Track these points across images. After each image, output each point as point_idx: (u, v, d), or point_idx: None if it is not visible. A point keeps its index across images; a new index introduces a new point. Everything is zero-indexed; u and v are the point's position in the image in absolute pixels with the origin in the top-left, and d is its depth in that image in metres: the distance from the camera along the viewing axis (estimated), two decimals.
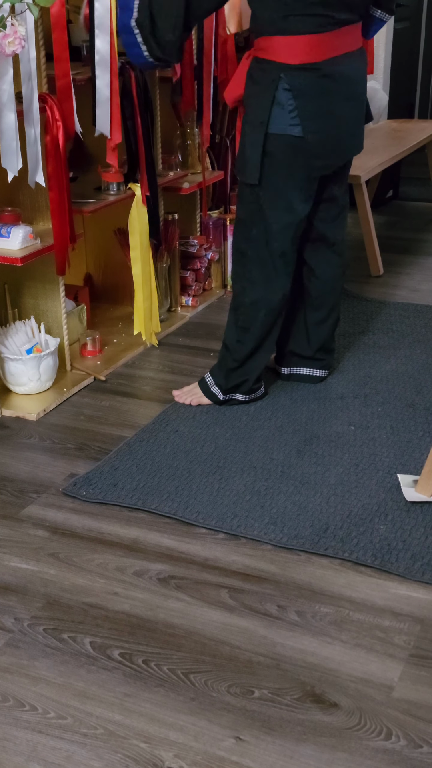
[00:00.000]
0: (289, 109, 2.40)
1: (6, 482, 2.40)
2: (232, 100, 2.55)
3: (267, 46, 2.41)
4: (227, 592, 1.97)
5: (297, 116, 2.40)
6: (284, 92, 2.39)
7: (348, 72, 2.47)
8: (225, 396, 2.77)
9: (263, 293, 2.64)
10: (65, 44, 2.56)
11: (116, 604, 1.93)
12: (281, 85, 2.39)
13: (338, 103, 2.47)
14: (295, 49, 2.37)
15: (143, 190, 3.02)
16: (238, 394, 2.77)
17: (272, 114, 2.41)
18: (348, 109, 2.52)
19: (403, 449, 2.52)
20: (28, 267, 2.79)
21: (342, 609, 1.91)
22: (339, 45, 2.42)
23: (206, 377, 2.81)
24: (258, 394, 2.81)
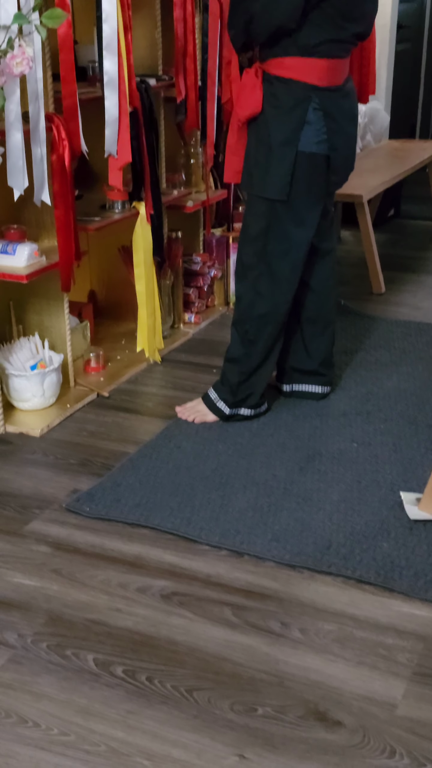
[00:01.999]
0: (318, 127, 2.49)
1: (9, 498, 2.40)
2: (247, 116, 2.58)
3: (293, 66, 2.47)
4: (230, 609, 1.97)
5: (325, 135, 2.50)
6: (314, 112, 2.48)
7: (351, 93, 2.60)
8: (231, 410, 2.78)
9: (272, 306, 2.68)
10: (72, 65, 2.59)
11: (119, 621, 1.94)
12: (312, 105, 2.47)
13: (348, 122, 2.59)
14: (325, 71, 2.47)
15: (147, 208, 3.05)
16: (243, 409, 2.78)
17: (303, 133, 2.49)
18: (352, 128, 2.63)
19: (406, 466, 2.53)
20: (33, 284, 2.81)
21: (345, 627, 1.91)
22: (347, 68, 2.57)
23: (210, 393, 2.82)
24: (262, 409, 2.82)
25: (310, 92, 2.47)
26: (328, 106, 2.49)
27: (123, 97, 2.75)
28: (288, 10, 2.38)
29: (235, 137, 2.67)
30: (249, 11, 2.43)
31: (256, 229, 2.63)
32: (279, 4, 2.38)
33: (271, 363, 2.79)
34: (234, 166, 2.70)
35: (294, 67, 2.47)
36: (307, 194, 2.57)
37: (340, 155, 2.57)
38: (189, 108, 3.26)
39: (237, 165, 2.69)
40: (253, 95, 2.53)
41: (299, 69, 2.47)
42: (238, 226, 3.89)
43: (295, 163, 2.51)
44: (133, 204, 3.06)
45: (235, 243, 3.79)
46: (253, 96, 2.53)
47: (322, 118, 2.49)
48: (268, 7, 2.39)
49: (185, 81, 3.20)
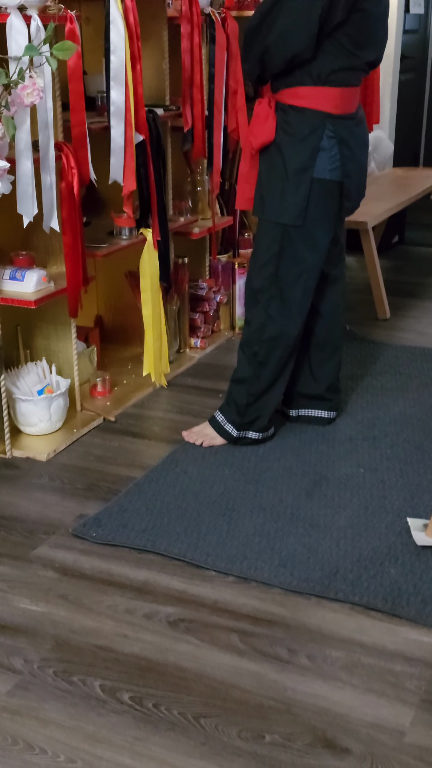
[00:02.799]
0: (331, 154, 2.53)
1: (16, 523, 2.41)
2: (260, 145, 2.61)
3: (307, 95, 2.51)
4: (237, 636, 1.96)
5: (338, 162, 2.55)
6: (328, 139, 2.52)
7: (363, 120, 2.65)
8: (239, 433, 2.79)
9: (283, 330, 2.70)
10: (81, 95, 2.63)
11: (126, 647, 1.93)
12: (326, 133, 2.52)
13: (360, 149, 2.63)
14: (338, 100, 2.52)
15: (155, 234, 3.08)
16: (251, 432, 2.79)
17: (317, 160, 2.53)
18: (364, 155, 2.67)
19: (413, 492, 2.53)
20: (41, 309, 2.83)
21: (353, 653, 1.91)
22: (358, 96, 2.61)
23: (217, 416, 2.83)
24: (269, 433, 2.83)
25: (324, 120, 2.51)
26: (342, 133, 2.53)
27: (129, 127, 2.79)
28: (302, 40, 2.42)
29: (247, 166, 2.70)
30: (264, 43, 2.47)
31: (269, 254, 2.66)
32: (293, 35, 2.42)
33: (280, 387, 2.80)
34: (246, 193, 2.74)
35: (308, 96, 2.51)
36: (321, 220, 2.61)
37: (353, 181, 2.61)
38: (196, 137, 3.30)
39: (249, 192, 2.72)
40: (266, 125, 2.57)
41: (313, 98, 2.51)
42: (244, 252, 3.93)
43: (310, 190, 2.55)
44: (141, 230, 3.09)
45: (241, 269, 3.82)
46: (266, 125, 2.57)
47: (336, 145, 2.53)
48: (283, 38, 2.43)
49: (192, 110, 3.24)
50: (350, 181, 2.60)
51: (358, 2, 2.41)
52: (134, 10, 2.74)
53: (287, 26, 2.42)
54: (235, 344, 3.74)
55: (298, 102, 2.53)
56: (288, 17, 2.42)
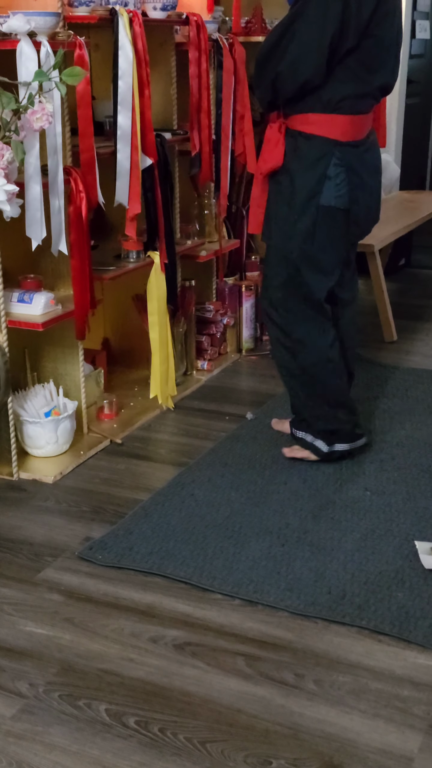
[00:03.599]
0: (338, 182, 2.54)
1: (22, 545, 2.40)
2: (268, 170, 2.64)
3: (316, 122, 2.53)
4: (243, 660, 1.95)
5: (345, 189, 2.55)
6: (335, 167, 2.53)
7: (375, 147, 2.66)
8: (329, 448, 2.79)
9: (318, 347, 2.70)
10: (90, 120, 2.66)
11: (132, 671, 1.92)
12: (333, 161, 2.53)
13: (370, 175, 2.64)
14: (347, 127, 2.53)
15: (162, 257, 3.09)
16: (338, 444, 2.79)
17: (324, 187, 2.54)
18: (375, 182, 2.68)
19: (420, 515, 2.52)
20: (48, 332, 2.85)
21: (360, 678, 1.89)
22: (370, 123, 2.63)
23: (305, 437, 2.83)
24: (359, 442, 2.82)
25: (332, 147, 2.52)
26: (350, 160, 2.54)
27: (135, 151, 2.81)
28: (313, 66, 2.44)
29: (259, 189, 2.72)
30: (275, 69, 2.49)
31: (278, 279, 2.68)
32: (304, 61, 2.44)
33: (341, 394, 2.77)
34: (258, 217, 2.76)
35: (317, 123, 2.53)
36: (328, 246, 2.62)
37: (361, 208, 2.62)
38: (203, 161, 3.33)
39: (261, 216, 2.74)
40: (276, 150, 2.59)
41: (322, 125, 2.52)
42: (251, 275, 3.94)
43: (316, 217, 2.56)
44: (148, 253, 3.11)
45: (248, 292, 3.83)
46: (275, 151, 2.59)
47: (344, 172, 2.53)
48: (294, 64, 2.45)
49: (200, 135, 3.27)
50: (358, 208, 2.61)
51: (369, 29, 2.43)
52: (143, 36, 2.78)
53: (298, 53, 2.44)
54: (242, 366, 3.76)
55: (308, 128, 2.54)
56: (299, 44, 2.44)
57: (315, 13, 2.41)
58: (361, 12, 2.40)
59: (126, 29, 2.71)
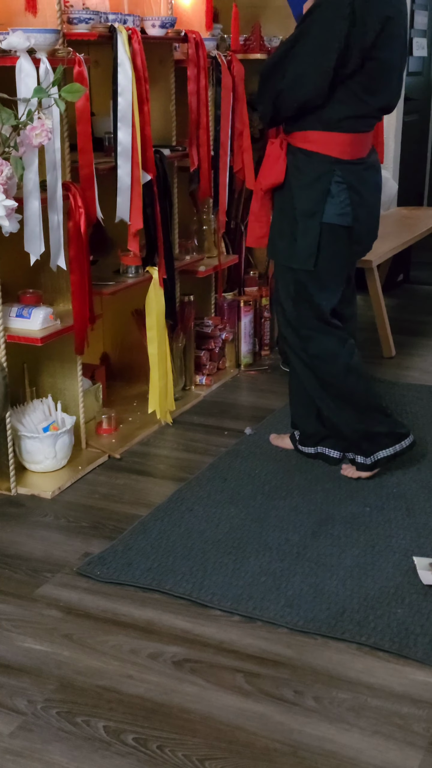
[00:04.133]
0: (340, 200, 2.56)
1: (20, 561, 2.39)
2: (269, 186, 2.65)
3: (317, 140, 2.54)
4: (243, 677, 1.94)
5: (348, 207, 2.56)
6: (337, 185, 2.55)
7: (376, 164, 2.68)
8: (371, 459, 2.77)
9: (336, 358, 2.70)
10: (89, 136, 2.67)
11: (130, 688, 1.91)
12: (334, 178, 2.54)
13: (370, 194, 2.65)
14: (348, 145, 2.55)
15: (161, 273, 3.10)
16: (381, 452, 2.77)
17: (327, 205, 2.55)
18: (375, 199, 2.70)
19: (420, 531, 2.51)
20: (47, 346, 2.85)
21: (360, 695, 1.88)
22: (370, 141, 2.64)
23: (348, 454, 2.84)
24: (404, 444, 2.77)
25: (332, 165, 2.54)
26: (351, 178, 2.55)
27: (135, 167, 2.82)
28: (315, 87, 2.45)
29: (258, 204, 2.74)
30: (277, 87, 2.50)
31: (286, 295, 2.70)
32: (306, 81, 2.45)
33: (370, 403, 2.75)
34: (256, 231, 2.77)
35: (318, 141, 2.54)
36: (331, 263, 2.63)
37: (363, 226, 2.63)
38: (202, 177, 3.34)
39: (259, 231, 2.76)
40: (276, 166, 2.60)
41: (322, 143, 2.53)
42: (250, 290, 3.95)
43: (320, 235, 2.57)
44: (147, 269, 3.11)
45: (247, 307, 3.84)
46: (276, 166, 2.60)
47: (345, 190, 2.55)
48: (296, 84, 2.46)
49: (198, 151, 3.28)
50: (360, 226, 2.62)
51: (373, 51, 2.44)
52: (142, 53, 2.80)
53: (301, 72, 2.45)
54: (241, 381, 3.76)
55: (308, 146, 2.55)
56: (302, 64, 2.45)
57: (319, 33, 2.42)
58: (366, 34, 2.41)
59: (125, 46, 2.72)
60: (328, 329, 2.70)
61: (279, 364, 3.91)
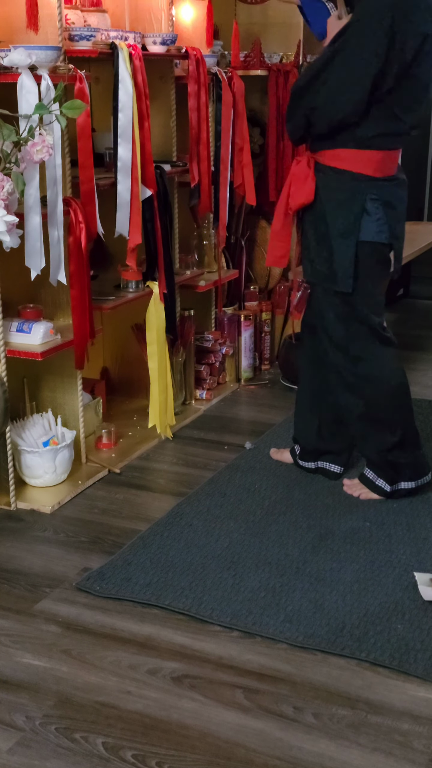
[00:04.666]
0: (376, 218, 2.53)
1: (19, 576, 2.39)
2: (299, 206, 2.61)
3: (348, 158, 2.51)
4: (242, 693, 1.93)
5: (384, 224, 2.54)
6: (372, 202, 2.52)
7: (405, 183, 2.65)
8: (392, 487, 2.76)
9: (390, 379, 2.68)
10: (90, 152, 2.69)
11: (129, 704, 1.90)
12: (369, 196, 2.51)
13: (403, 210, 2.64)
14: (379, 163, 2.52)
15: (161, 287, 3.11)
16: (403, 483, 2.76)
17: (362, 223, 2.52)
18: (404, 215, 2.68)
19: (420, 546, 2.50)
20: (47, 361, 2.85)
21: (359, 711, 1.87)
22: (398, 158, 2.63)
23: (367, 473, 2.80)
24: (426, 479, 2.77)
25: (366, 183, 2.51)
26: (386, 195, 2.53)
27: (135, 182, 2.84)
28: (351, 105, 2.42)
29: (280, 224, 2.71)
30: (311, 105, 2.47)
31: (333, 317, 2.65)
32: (343, 99, 2.43)
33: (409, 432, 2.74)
34: (277, 251, 2.74)
35: (349, 159, 2.51)
36: (373, 280, 2.60)
37: (399, 242, 2.62)
38: (202, 192, 3.36)
39: (280, 250, 2.72)
40: (306, 185, 2.56)
41: (354, 161, 2.50)
42: (250, 305, 3.96)
43: (357, 254, 2.54)
44: (147, 284, 3.12)
45: (247, 321, 3.84)
46: (305, 186, 2.56)
47: (381, 208, 2.52)
48: (332, 102, 2.44)
49: (199, 167, 3.30)
50: (397, 242, 2.61)
51: (410, 69, 2.42)
52: (142, 70, 2.82)
53: (337, 90, 2.43)
54: (240, 396, 3.76)
55: (339, 164, 2.51)
56: (339, 81, 2.42)
57: (357, 50, 2.38)
58: (404, 52, 2.38)
59: (126, 63, 2.74)
60: (382, 347, 2.66)
61: (279, 379, 3.92)
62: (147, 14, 3.17)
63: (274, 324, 4.12)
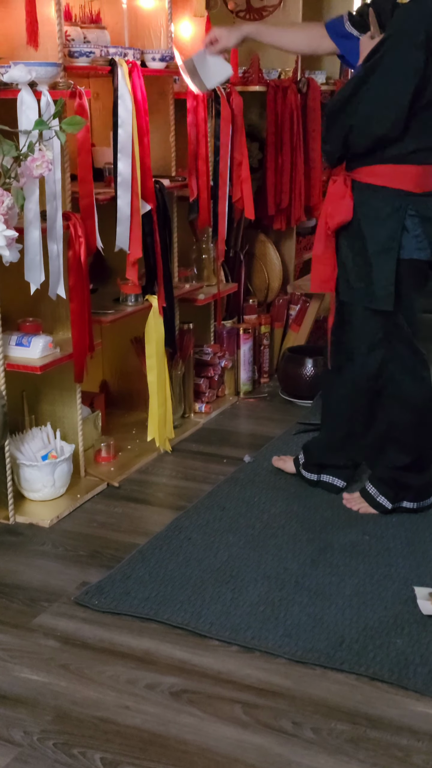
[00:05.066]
0: (415, 234, 2.50)
1: (18, 590, 2.38)
2: (337, 225, 2.58)
3: (385, 174, 2.49)
4: (241, 707, 1.93)
5: (424, 240, 2.51)
6: (411, 218, 2.49)
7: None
8: (393, 505, 2.76)
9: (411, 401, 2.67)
10: (89, 167, 2.70)
11: (127, 719, 1.90)
12: (408, 212, 2.49)
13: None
14: (418, 178, 2.49)
15: (160, 301, 3.12)
16: (406, 502, 2.76)
17: (403, 240, 2.50)
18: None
19: (419, 560, 2.50)
20: (46, 374, 2.86)
21: (359, 726, 1.87)
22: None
23: (369, 488, 2.79)
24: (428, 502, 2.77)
25: (404, 199, 2.48)
26: (424, 211, 2.49)
27: (135, 197, 2.85)
28: (391, 121, 2.40)
29: (322, 246, 2.65)
30: (347, 124, 2.46)
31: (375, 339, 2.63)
32: (381, 117, 2.41)
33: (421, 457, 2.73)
34: (321, 275, 2.68)
35: (386, 175, 2.48)
36: (411, 298, 2.59)
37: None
38: (201, 207, 3.37)
39: (324, 274, 2.67)
40: (343, 204, 2.54)
41: (392, 176, 2.48)
42: (248, 318, 3.97)
43: (398, 270, 2.52)
44: (146, 297, 3.13)
45: (245, 335, 3.85)
46: (343, 204, 2.54)
47: (420, 224, 2.49)
48: (369, 120, 2.42)
49: (197, 181, 3.32)
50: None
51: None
52: (142, 86, 2.83)
53: (375, 108, 2.41)
54: (239, 409, 3.76)
55: (376, 180, 2.49)
56: (376, 99, 2.40)
57: (394, 65, 2.37)
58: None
59: (125, 79, 2.76)
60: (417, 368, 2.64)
61: (278, 392, 3.92)
62: (146, 31, 3.19)
63: (273, 337, 4.13)
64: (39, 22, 2.59)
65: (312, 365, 3.78)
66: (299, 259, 4.39)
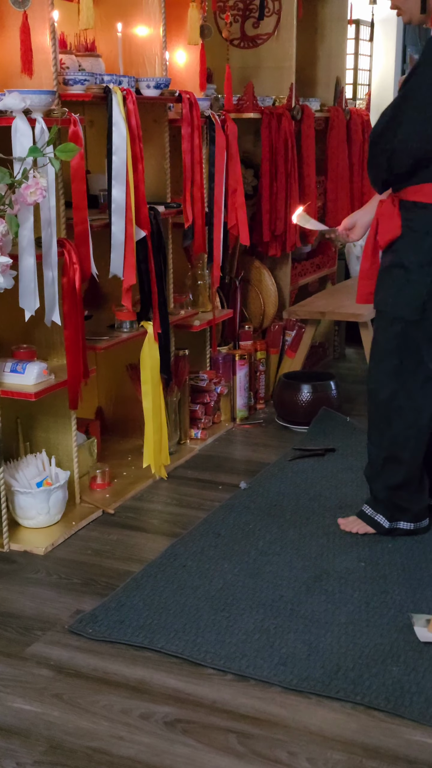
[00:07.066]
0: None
1: (11, 619, 2.36)
2: (387, 242, 2.62)
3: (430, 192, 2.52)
4: (236, 737, 1.90)
5: None
6: None
7: None
8: (390, 524, 2.76)
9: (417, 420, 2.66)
10: (84, 193, 2.71)
11: (121, 749, 1.87)
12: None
13: None
14: None
15: (155, 327, 3.12)
16: (403, 522, 2.76)
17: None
18: None
19: (415, 587, 2.48)
20: (41, 401, 2.85)
21: (354, 756, 1.84)
22: None
23: (366, 509, 2.80)
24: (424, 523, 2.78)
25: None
26: None
27: (129, 224, 2.86)
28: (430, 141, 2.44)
29: (368, 262, 2.72)
30: (390, 146, 2.50)
31: (388, 347, 2.65)
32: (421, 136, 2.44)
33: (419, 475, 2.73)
34: (366, 288, 2.74)
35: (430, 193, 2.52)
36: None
37: None
38: (196, 233, 3.39)
39: (369, 288, 2.72)
40: (392, 222, 2.58)
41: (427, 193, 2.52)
42: (244, 344, 3.97)
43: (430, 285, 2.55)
44: (141, 323, 3.13)
45: (241, 361, 3.85)
46: (392, 223, 2.58)
47: None
48: (410, 138, 2.46)
49: (192, 208, 3.33)
50: None
51: None
52: (136, 113, 2.86)
53: (414, 128, 2.45)
54: (235, 435, 3.75)
55: (423, 198, 2.53)
56: (415, 119, 2.45)
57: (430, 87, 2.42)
58: None
59: (120, 107, 2.78)
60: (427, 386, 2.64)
61: (274, 418, 3.91)
62: (141, 58, 3.23)
63: (268, 363, 4.13)
64: (33, 50, 2.62)
65: (308, 391, 3.78)
66: (294, 285, 4.41)
